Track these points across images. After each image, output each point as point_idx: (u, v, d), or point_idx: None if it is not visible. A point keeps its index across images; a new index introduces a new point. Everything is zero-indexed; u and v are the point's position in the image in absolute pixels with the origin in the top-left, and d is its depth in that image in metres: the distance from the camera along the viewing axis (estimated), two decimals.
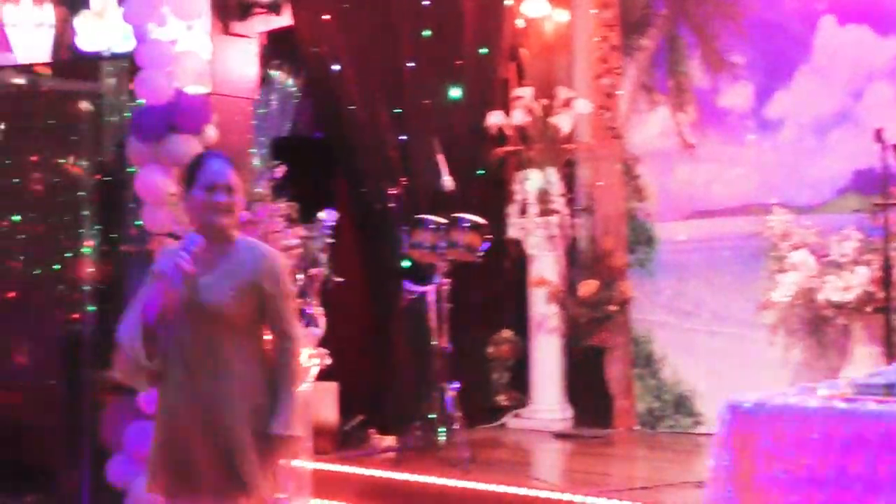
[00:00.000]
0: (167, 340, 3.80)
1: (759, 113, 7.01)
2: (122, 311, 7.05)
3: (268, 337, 3.90)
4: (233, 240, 3.88)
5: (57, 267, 8.57)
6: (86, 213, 8.49)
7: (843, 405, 3.46)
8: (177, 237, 5.94)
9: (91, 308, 8.36)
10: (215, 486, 3.76)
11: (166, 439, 3.85)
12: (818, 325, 6.56)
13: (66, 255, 8.62)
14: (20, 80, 8.31)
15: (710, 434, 6.14)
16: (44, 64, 7.36)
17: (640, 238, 7.47)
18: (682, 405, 7.24)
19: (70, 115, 8.67)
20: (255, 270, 3.79)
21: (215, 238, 3.84)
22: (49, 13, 7.23)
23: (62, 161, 8.65)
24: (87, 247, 8.45)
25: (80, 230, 8.52)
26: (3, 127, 8.89)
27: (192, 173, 3.88)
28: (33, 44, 7.22)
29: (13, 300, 8.74)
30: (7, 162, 8.80)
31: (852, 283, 6.16)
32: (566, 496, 5.31)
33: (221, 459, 3.74)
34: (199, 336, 3.77)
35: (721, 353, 7.06)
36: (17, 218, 8.64)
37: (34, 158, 8.74)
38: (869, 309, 6.14)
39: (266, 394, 3.80)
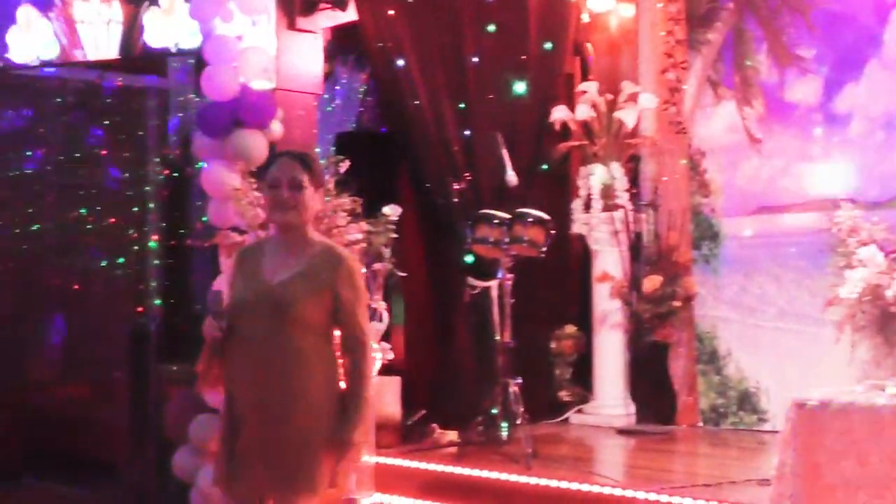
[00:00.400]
0: (235, 337, 3.82)
1: (827, 107, 6.95)
2: (187, 305, 7.22)
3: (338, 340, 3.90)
4: (309, 239, 3.89)
5: (121, 260, 8.72)
6: (152, 206, 8.63)
7: None
8: (241, 232, 6.02)
9: (157, 302, 8.49)
10: (279, 484, 3.79)
11: (232, 434, 3.86)
12: (886, 323, 6.48)
13: (132, 248, 8.76)
14: (89, 76, 8.47)
15: (776, 431, 6.13)
16: (112, 60, 7.44)
17: (705, 234, 7.45)
18: (746, 402, 7.21)
19: (138, 110, 8.81)
20: (331, 274, 3.79)
21: (288, 235, 3.88)
22: (117, 10, 7.32)
23: (129, 156, 8.81)
24: (153, 241, 8.58)
25: (147, 224, 8.65)
26: (72, 122, 9.08)
27: (263, 171, 3.99)
28: (102, 40, 7.31)
29: (80, 292, 8.89)
30: (76, 156, 8.98)
31: None
32: (628, 493, 5.32)
33: (286, 457, 3.76)
34: (269, 334, 3.77)
35: (786, 349, 7.03)
36: (83, 211, 8.81)
37: (103, 153, 8.89)
38: None
39: (337, 397, 3.81)
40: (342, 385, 3.82)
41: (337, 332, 3.87)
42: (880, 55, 6.75)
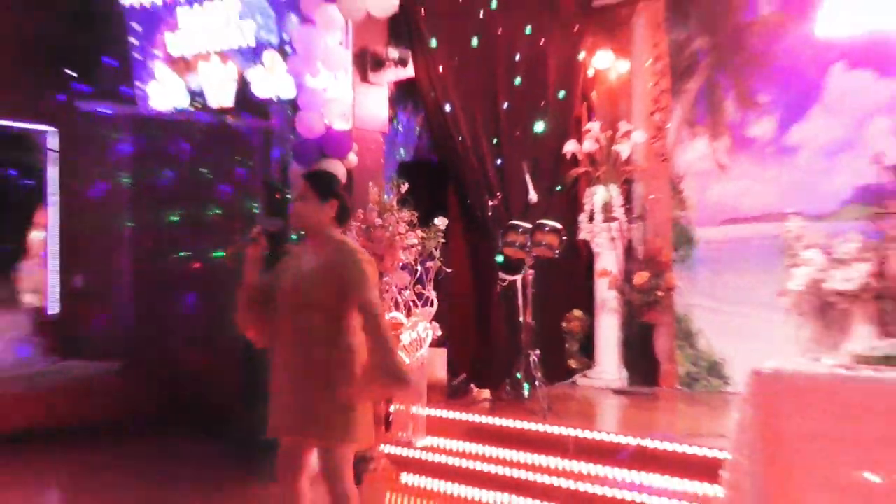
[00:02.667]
0: (276, 316, 3.82)
1: (779, 141, 6.92)
2: None
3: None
4: (328, 238, 3.86)
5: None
6: (256, 213, 8.76)
7: (845, 372, 3.47)
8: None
9: None
10: (320, 429, 3.75)
11: (276, 393, 3.84)
12: (824, 310, 6.46)
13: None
14: (211, 119, 8.62)
15: (737, 393, 6.13)
16: (228, 107, 7.56)
17: (682, 239, 7.42)
18: (714, 370, 7.20)
19: (247, 144, 8.94)
20: (341, 265, 3.73)
21: (310, 236, 3.93)
22: (232, 69, 7.41)
23: (241, 177, 8.93)
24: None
25: (252, 226, 8.77)
26: (197, 152, 9.24)
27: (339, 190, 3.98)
28: (221, 91, 7.42)
29: (203, 278, 9.02)
30: (201, 176, 9.13)
31: (853, 276, 6.07)
32: (621, 438, 5.38)
33: (323, 407, 3.72)
34: (297, 314, 3.77)
35: (746, 329, 6.99)
36: (207, 214, 9.00)
37: (223, 174, 9.03)
38: (866, 296, 6.06)
39: (349, 361, 3.74)
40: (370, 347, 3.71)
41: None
42: (821, 101, 6.70)
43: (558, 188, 7.57)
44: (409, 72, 6.93)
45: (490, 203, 7.22)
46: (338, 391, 3.69)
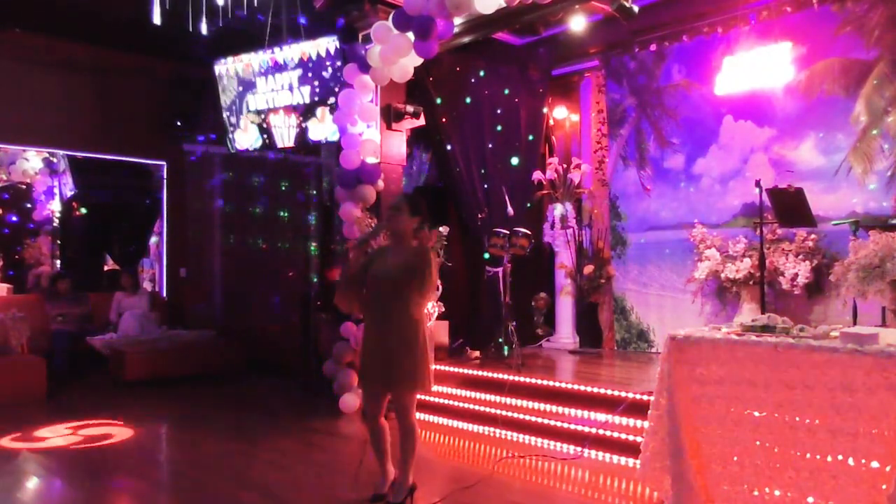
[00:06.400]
0: (368, 295, 3.81)
1: (688, 171, 6.90)
2: (330, 282, 7.15)
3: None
4: (408, 243, 3.86)
5: (297, 256, 8.86)
6: (313, 227, 8.77)
7: (736, 337, 3.45)
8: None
9: (314, 278, 8.62)
10: (394, 381, 3.75)
11: (365, 353, 3.85)
12: (721, 292, 6.48)
13: (303, 249, 8.91)
14: (279, 156, 8.62)
15: (658, 353, 6.13)
16: (291, 147, 7.57)
17: (618, 242, 7.41)
18: (642, 336, 7.19)
19: (305, 175, 8.96)
20: (415, 261, 3.74)
21: (396, 240, 3.89)
22: (293, 119, 7.33)
23: (301, 199, 8.95)
24: (314, 246, 8.71)
25: (310, 236, 8.79)
26: (270, 182, 9.25)
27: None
28: (285, 135, 7.43)
29: (277, 274, 9.04)
30: (273, 200, 9.16)
31: (741, 268, 6.07)
32: (576, 386, 5.34)
33: (404, 363, 3.71)
34: (382, 294, 3.77)
35: (664, 307, 7.00)
36: (278, 224, 8.95)
37: (286, 196, 9.06)
38: (751, 283, 6.05)
39: (423, 332, 3.75)
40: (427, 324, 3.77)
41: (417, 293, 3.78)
42: (717, 142, 6.69)
43: (528, 205, 7.54)
44: (421, 122, 6.91)
45: (479, 216, 7.21)
46: (413, 350, 3.69)
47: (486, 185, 7.31)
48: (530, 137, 7.61)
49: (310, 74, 7.06)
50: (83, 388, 7.47)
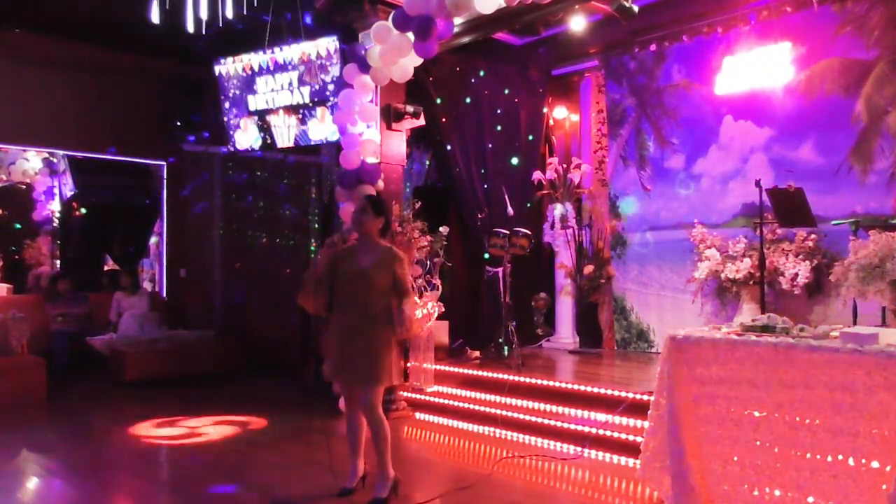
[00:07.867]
0: (337, 293, 3.88)
1: (688, 171, 6.89)
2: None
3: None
4: (376, 243, 3.94)
5: (296, 255, 8.83)
6: (314, 226, 8.75)
7: (735, 337, 3.44)
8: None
9: None
10: (360, 376, 3.83)
11: (333, 348, 3.91)
12: (720, 292, 6.47)
13: (302, 248, 8.89)
14: (279, 156, 8.60)
15: (657, 353, 6.12)
16: (290, 147, 7.56)
17: (618, 242, 7.40)
18: (641, 336, 7.19)
19: (305, 175, 8.94)
20: (389, 261, 3.85)
21: (363, 240, 3.93)
22: (293, 119, 7.32)
23: (300, 199, 8.94)
24: (314, 246, 8.69)
25: (310, 236, 8.77)
26: (269, 181, 9.23)
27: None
28: (285, 136, 7.41)
29: (275, 274, 9.02)
30: (272, 199, 9.13)
31: (741, 268, 6.07)
32: (576, 386, 5.35)
33: (362, 360, 3.79)
34: (355, 291, 3.84)
35: (664, 307, 7.00)
36: (278, 223, 8.92)
37: (287, 196, 9.04)
38: (751, 283, 6.04)
39: (390, 328, 3.81)
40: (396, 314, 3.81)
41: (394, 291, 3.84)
42: (717, 142, 6.69)
43: (528, 205, 7.54)
44: (421, 122, 6.91)
45: (479, 216, 7.20)
46: (374, 346, 3.77)
47: (486, 185, 7.30)
48: (530, 137, 7.61)
49: (310, 74, 7.05)
50: (83, 388, 7.45)
